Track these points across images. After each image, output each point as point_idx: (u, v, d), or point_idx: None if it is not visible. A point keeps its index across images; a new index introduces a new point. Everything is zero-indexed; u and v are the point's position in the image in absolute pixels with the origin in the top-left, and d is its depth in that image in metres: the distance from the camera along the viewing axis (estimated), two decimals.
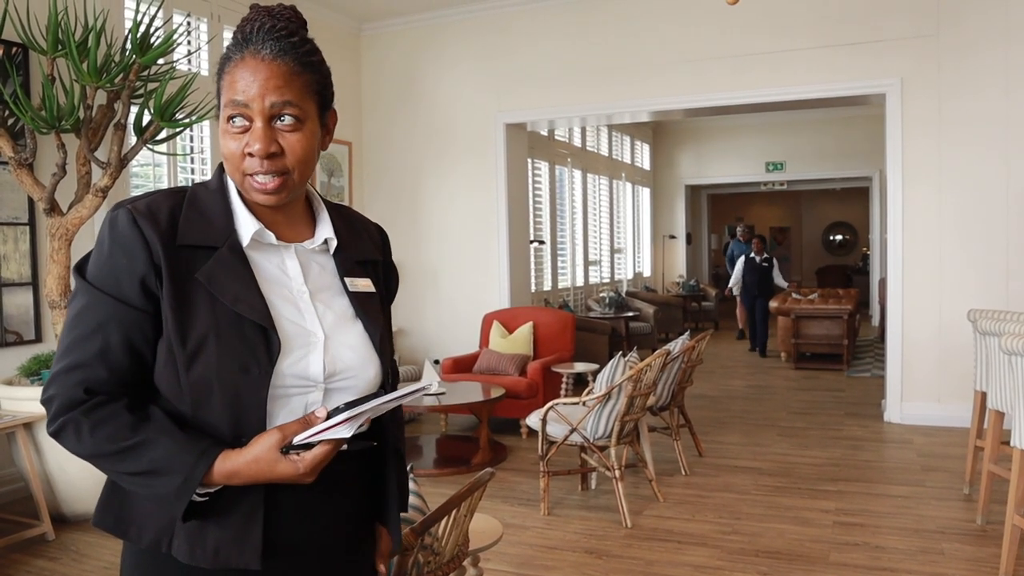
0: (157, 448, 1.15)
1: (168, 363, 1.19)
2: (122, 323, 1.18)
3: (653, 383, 4.48)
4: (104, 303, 1.18)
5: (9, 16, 4.38)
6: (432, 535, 1.91)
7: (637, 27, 7.00)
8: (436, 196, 7.82)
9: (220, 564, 1.20)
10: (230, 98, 1.22)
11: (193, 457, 1.15)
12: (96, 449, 1.16)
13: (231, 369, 1.18)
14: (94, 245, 1.23)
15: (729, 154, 14.17)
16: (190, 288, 1.20)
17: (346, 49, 7.80)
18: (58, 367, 1.19)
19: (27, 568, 3.81)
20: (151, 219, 1.20)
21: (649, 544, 3.96)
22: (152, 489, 1.17)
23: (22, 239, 4.88)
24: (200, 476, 1.15)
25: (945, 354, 6.19)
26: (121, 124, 4.44)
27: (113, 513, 1.25)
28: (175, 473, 1.14)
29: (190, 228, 1.22)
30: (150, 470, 1.15)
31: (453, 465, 5.38)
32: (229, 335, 1.19)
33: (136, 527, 1.23)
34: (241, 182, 1.26)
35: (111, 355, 1.18)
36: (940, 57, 6.12)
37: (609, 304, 10.18)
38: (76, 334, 1.19)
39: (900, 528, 4.07)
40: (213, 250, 1.23)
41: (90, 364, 1.17)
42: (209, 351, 1.18)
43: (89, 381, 1.17)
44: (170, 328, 1.18)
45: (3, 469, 4.64)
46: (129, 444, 1.15)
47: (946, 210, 6.18)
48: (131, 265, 1.18)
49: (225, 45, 1.31)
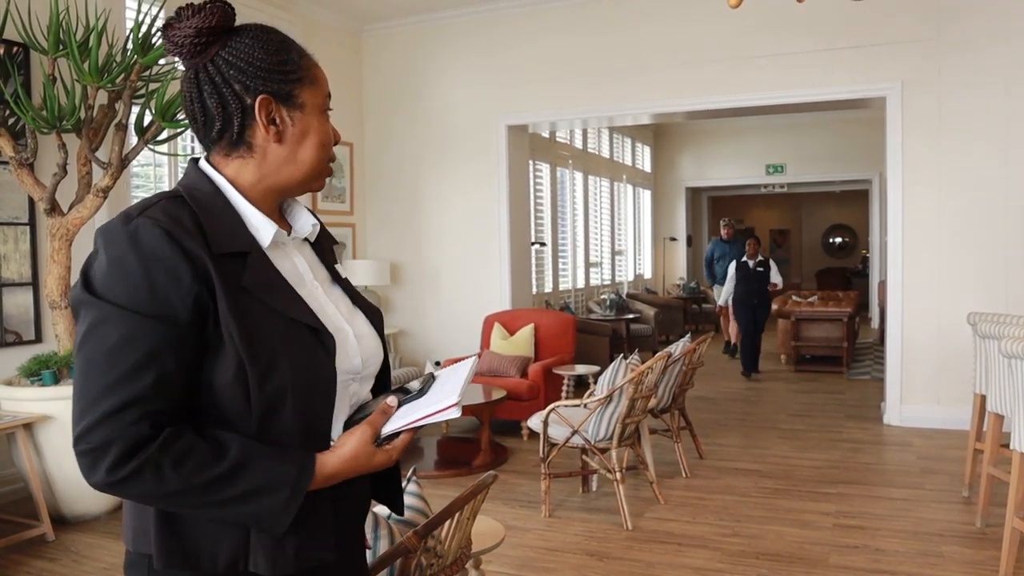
0: (254, 469, 1.11)
1: (237, 382, 1.13)
2: (176, 347, 1.10)
3: (654, 385, 4.48)
4: (151, 328, 1.08)
5: (10, 16, 4.38)
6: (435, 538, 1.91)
7: (639, 29, 7.00)
8: (437, 197, 7.82)
9: (300, 567, 1.19)
10: (326, 92, 1.30)
11: (295, 469, 1.14)
12: (184, 484, 1.08)
13: (305, 377, 1.17)
14: (104, 265, 1.11)
15: (730, 156, 14.18)
16: (242, 299, 1.15)
17: (347, 50, 7.80)
18: (105, 407, 1.06)
19: (27, 569, 3.81)
20: (181, 228, 1.12)
21: (650, 546, 3.96)
22: (252, 512, 1.12)
23: (22, 239, 4.88)
24: (306, 486, 1.14)
25: (944, 357, 6.19)
26: (122, 124, 4.44)
27: (178, 549, 1.16)
28: (281, 488, 1.12)
29: (218, 235, 1.17)
30: (250, 491, 1.11)
31: (454, 467, 5.38)
32: (293, 342, 1.17)
33: (207, 554, 1.16)
34: (321, 170, 1.30)
35: (171, 384, 1.10)
36: (940, 60, 6.12)
37: (610, 306, 10.18)
38: (123, 368, 1.07)
39: (900, 531, 4.07)
40: (242, 256, 1.19)
41: (148, 397, 1.08)
42: (282, 362, 1.14)
43: (152, 415, 1.08)
44: (238, 345, 1.12)
45: (3, 470, 4.63)
46: (222, 471, 1.10)
47: (946, 213, 6.19)
48: (177, 282, 1.10)
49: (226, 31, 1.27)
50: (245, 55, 1.22)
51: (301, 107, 1.25)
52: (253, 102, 1.21)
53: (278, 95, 1.23)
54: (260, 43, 1.23)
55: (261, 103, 1.21)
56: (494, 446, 5.72)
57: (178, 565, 1.16)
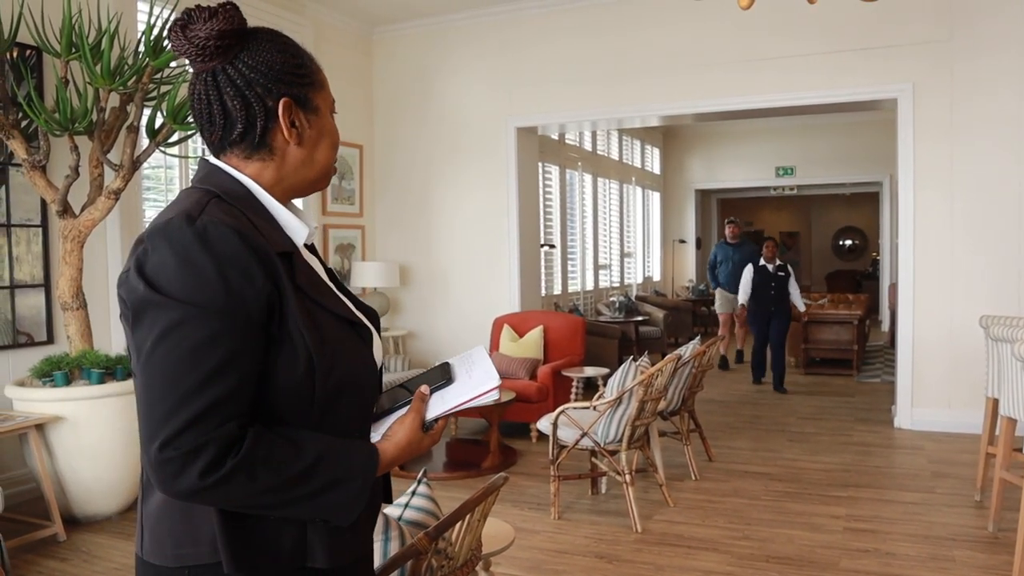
0: (330, 461, 1.15)
1: (306, 378, 1.16)
2: (253, 347, 1.11)
3: (664, 388, 4.47)
4: (231, 328, 1.09)
5: (24, 19, 4.41)
6: (446, 539, 1.91)
7: (648, 31, 6.99)
8: (446, 199, 7.83)
9: (353, 556, 1.26)
10: (332, 95, 1.34)
11: (364, 458, 1.20)
12: (273, 482, 1.10)
13: (360, 369, 1.24)
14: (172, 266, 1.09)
15: (739, 159, 14.15)
16: (299, 297, 1.18)
17: (357, 52, 7.82)
18: (193, 410, 1.05)
19: (38, 568, 3.82)
20: (248, 230, 1.14)
21: (659, 549, 3.95)
22: (329, 503, 1.15)
23: (35, 241, 4.91)
24: (374, 474, 1.20)
25: (956, 360, 6.16)
26: (134, 126, 4.46)
27: (247, 554, 1.16)
28: (355, 478, 1.17)
29: (271, 235, 1.20)
30: (329, 483, 1.15)
31: (463, 469, 5.38)
32: (345, 337, 1.23)
33: (272, 554, 1.18)
34: (330, 169, 1.34)
35: (250, 384, 1.11)
36: (953, 61, 6.10)
37: (619, 308, 10.17)
38: (207, 369, 1.07)
39: (911, 535, 4.05)
40: (289, 256, 1.21)
41: (234, 399, 1.08)
42: (341, 356, 1.20)
43: (238, 416, 1.09)
44: (308, 342, 1.15)
45: (15, 470, 4.66)
46: (303, 467, 1.12)
47: (958, 215, 6.16)
48: (251, 282, 1.11)
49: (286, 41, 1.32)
50: (266, 58, 1.24)
51: (316, 110, 1.29)
52: (276, 105, 1.23)
53: (297, 98, 1.26)
54: (277, 47, 1.26)
55: (285, 106, 1.24)
56: (503, 448, 5.72)
57: (247, 570, 1.16)
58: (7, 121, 4.19)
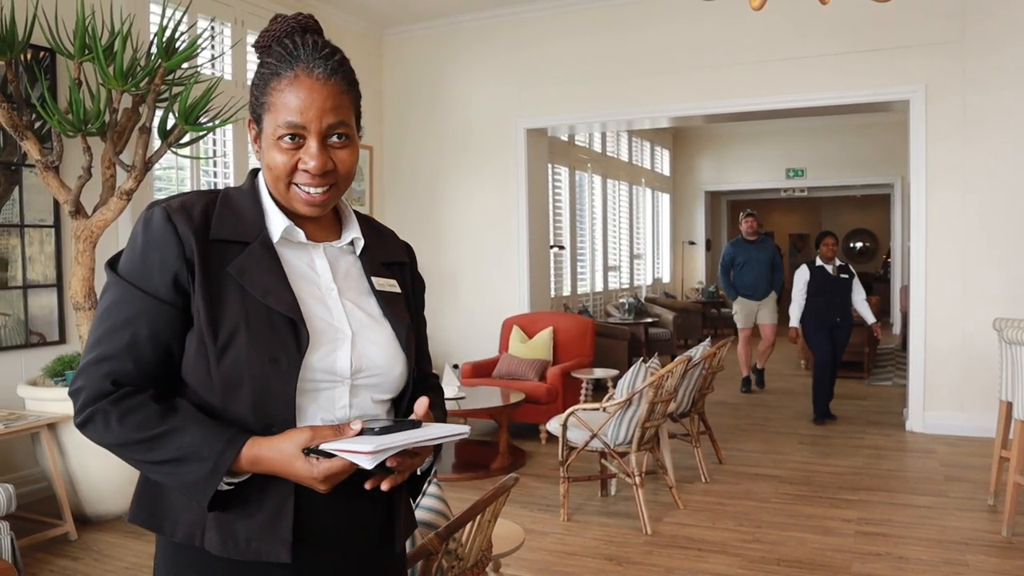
0: (186, 435, 1.17)
1: (199, 355, 1.21)
2: (151, 318, 1.21)
3: (674, 390, 4.46)
4: (134, 297, 1.21)
5: (38, 21, 4.43)
6: (456, 540, 1.91)
7: (658, 32, 6.98)
8: (456, 200, 7.83)
9: (251, 556, 1.23)
10: (286, 119, 1.24)
11: (221, 443, 1.17)
12: (124, 438, 1.18)
13: (261, 361, 1.20)
14: (127, 241, 1.26)
15: (749, 160, 14.11)
16: (222, 281, 1.23)
17: (368, 53, 7.84)
18: (87, 359, 1.22)
19: (50, 567, 3.84)
20: (184, 215, 1.23)
21: (669, 551, 3.94)
22: (179, 477, 1.18)
23: (47, 241, 4.93)
24: (229, 462, 1.17)
25: (969, 363, 6.13)
26: (146, 127, 4.47)
27: (147, 508, 1.28)
28: (204, 460, 1.16)
29: (222, 224, 1.26)
30: (178, 457, 1.17)
31: (472, 470, 5.38)
32: (259, 327, 1.21)
33: (170, 521, 1.26)
34: (285, 192, 1.29)
35: (139, 349, 1.20)
36: (965, 61, 6.06)
37: (628, 310, 10.15)
38: (106, 327, 1.21)
39: (923, 539, 4.02)
40: (244, 245, 1.26)
41: (118, 356, 1.20)
42: (239, 343, 1.20)
43: (116, 373, 1.20)
44: (202, 321, 1.20)
45: (27, 469, 4.68)
46: (157, 432, 1.17)
47: (970, 217, 6.12)
48: (163, 261, 1.21)
49: (257, 53, 1.33)
50: (258, 70, 1.33)
51: (262, 132, 1.34)
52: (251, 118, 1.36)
53: (255, 116, 1.33)
54: (261, 65, 1.32)
55: (248, 122, 1.36)
56: (512, 449, 5.71)
57: (143, 523, 1.28)
58: (21, 122, 4.21)
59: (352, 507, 1.30)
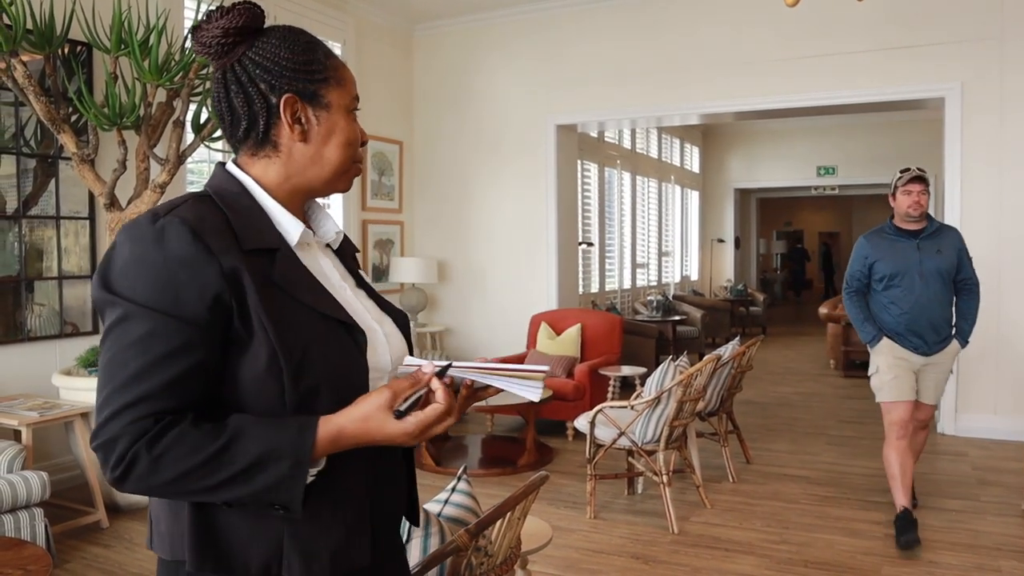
0: (249, 440, 1.07)
1: (270, 378, 1.12)
2: (193, 346, 1.08)
3: (703, 388, 4.43)
4: (170, 328, 1.08)
5: (76, 16, 4.50)
6: (486, 537, 1.91)
7: (688, 29, 6.93)
8: (485, 196, 7.84)
9: (336, 572, 1.16)
10: (353, 93, 1.30)
11: (294, 432, 1.09)
12: (179, 469, 1.06)
13: (339, 373, 1.16)
14: (127, 263, 1.10)
15: (779, 158, 13.99)
16: (271, 293, 1.14)
17: (398, 49, 7.86)
18: (116, 404, 1.06)
19: (82, 554, 3.90)
20: (208, 227, 1.13)
21: (696, 551, 3.92)
22: (257, 485, 1.07)
23: (82, 233, 5.00)
24: (310, 448, 1.08)
25: (1003, 364, 6.03)
26: (180, 121, 4.53)
27: (211, 556, 1.14)
28: (282, 456, 1.07)
29: (246, 232, 1.17)
30: (250, 464, 1.07)
31: (499, 466, 5.39)
32: (326, 338, 1.17)
33: (240, 562, 1.14)
34: (347, 169, 1.30)
35: (183, 384, 1.08)
36: (1004, 60, 5.95)
37: (656, 307, 10.11)
38: (137, 366, 1.07)
39: (955, 543, 3.97)
40: (272, 253, 1.19)
41: (158, 396, 1.07)
42: (315, 358, 1.14)
43: (159, 414, 1.07)
44: (272, 337, 1.11)
45: (61, 457, 4.76)
46: (217, 448, 1.06)
47: (1006, 216, 6.02)
48: (200, 281, 1.09)
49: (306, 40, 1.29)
50: (271, 54, 1.22)
51: (326, 106, 1.25)
52: (278, 101, 1.22)
53: (304, 94, 1.23)
54: (286, 43, 1.24)
55: (286, 102, 1.22)
56: (539, 446, 5.71)
57: (211, 570, 1.14)
58: (58, 115, 4.27)
59: (394, 493, 1.33)
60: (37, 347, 4.80)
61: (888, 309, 4.20)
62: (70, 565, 3.79)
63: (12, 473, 3.69)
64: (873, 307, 4.29)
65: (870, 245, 4.34)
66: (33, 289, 4.78)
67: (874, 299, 4.29)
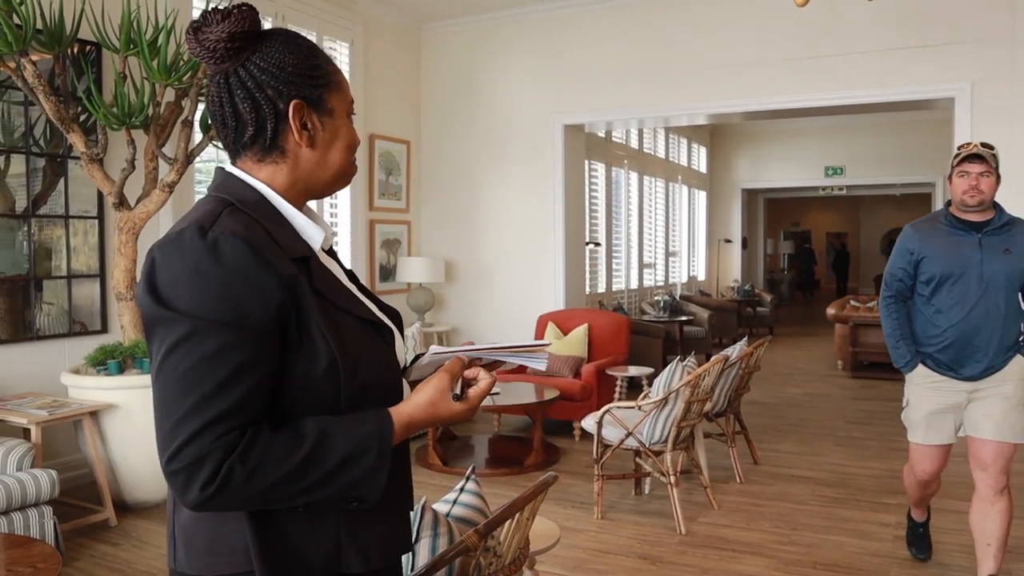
0: (335, 438, 1.12)
1: (327, 380, 1.16)
2: (262, 358, 1.10)
3: (711, 389, 4.42)
4: (240, 341, 1.09)
5: (85, 16, 4.51)
6: (494, 537, 1.91)
7: (696, 29, 6.92)
8: (492, 196, 7.84)
9: (388, 560, 1.25)
10: (351, 98, 1.33)
11: (372, 426, 1.16)
12: (274, 476, 1.08)
13: (384, 371, 1.24)
14: (181, 279, 1.10)
15: (787, 158, 13.96)
16: (320, 301, 1.18)
17: (406, 48, 7.86)
18: (197, 423, 1.06)
19: (91, 552, 3.91)
20: (262, 240, 1.14)
21: (703, 552, 3.91)
22: (343, 482, 1.13)
23: (91, 232, 5.01)
24: (390, 439, 1.16)
25: None
26: (188, 121, 4.54)
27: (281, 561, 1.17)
28: (368, 449, 1.14)
29: (287, 241, 1.20)
30: (340, 461, 1.12)
31: (506, 466, 5.38)
32: (368, 339, 1.23)
33: (303, 562, 1.18)
34: (349, 169, 1.32)
35: (259, 394, 1.10)
36: (1014, 60, 5.93)
37: (663, 308, 10.10)
38: (213, 382, 1.07)
39: (965, 545, 3.94)
40: (307, 260, 1.21)
41: (239, 409, 1.08)
42: (365, 359, 1.20)
43: (243, 426, 1.09)
44: (331, 343, 1.15)
45: (69, 456, 4.77)
46: (305, 451, 1.10)
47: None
48: (262, 294, 1.10)
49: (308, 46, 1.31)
50: (277, 60, 1.22)
51: (330, 112, 1.27)
52: (286, 107, 1.22)
53: (310, 100, 1.24)
54: (290, 48, 1.24)
55: (295, 108, 1.22)
56: (546, 446, 5.71)
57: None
58: (67, 115, 4.28)
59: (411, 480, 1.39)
60: (46, 346, 4.81)
61: (933, 321, 3.29)
62: (79, 563, 3.80)
63: (21, 471, 3.71)
64: (914, 319, 3.43)
65: (918, 237, 3.45)
66: (42, 288, 4.80)
67: (916, 308, 3.41)
